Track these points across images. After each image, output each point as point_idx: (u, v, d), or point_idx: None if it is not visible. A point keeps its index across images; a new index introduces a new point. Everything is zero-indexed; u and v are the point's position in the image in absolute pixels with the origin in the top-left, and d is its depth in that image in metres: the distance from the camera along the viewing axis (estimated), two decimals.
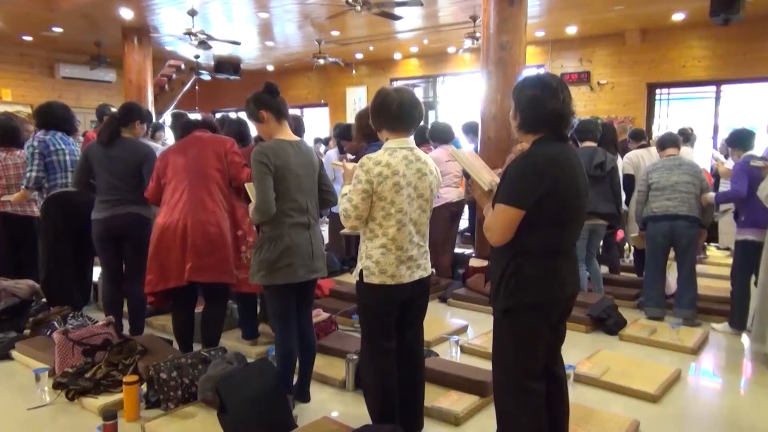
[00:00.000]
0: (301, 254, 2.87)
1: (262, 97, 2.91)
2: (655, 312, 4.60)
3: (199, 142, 3.42)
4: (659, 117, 10.45)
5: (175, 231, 3.24)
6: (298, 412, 2.96)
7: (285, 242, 2.83)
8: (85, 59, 11.64)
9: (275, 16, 9.14)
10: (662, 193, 4.50)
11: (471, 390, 3.15)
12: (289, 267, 2.84)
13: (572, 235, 2.22)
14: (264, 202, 2.76)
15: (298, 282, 2.90)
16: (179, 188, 3.32)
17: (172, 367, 3.05)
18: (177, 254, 3.24)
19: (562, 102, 2.12)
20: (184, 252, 3.24)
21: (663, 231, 4.49)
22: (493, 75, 5.84)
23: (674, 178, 4.49)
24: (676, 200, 4.45)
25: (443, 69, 12.68)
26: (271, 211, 2.78)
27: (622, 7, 8.44)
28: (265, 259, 2.84)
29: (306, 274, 2.91)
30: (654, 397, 3.21)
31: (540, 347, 2.18)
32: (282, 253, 2.82)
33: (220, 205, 3.35)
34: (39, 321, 3.95)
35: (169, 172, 3.37)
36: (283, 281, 2.86)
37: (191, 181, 3.32)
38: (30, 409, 3.08)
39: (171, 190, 3.34)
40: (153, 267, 3.30)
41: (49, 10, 8.44)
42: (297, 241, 2.86)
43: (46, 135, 4.13)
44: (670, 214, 4.45)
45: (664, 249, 4.58)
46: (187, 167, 3.34)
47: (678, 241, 4.49)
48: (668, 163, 4.60)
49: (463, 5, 8.39)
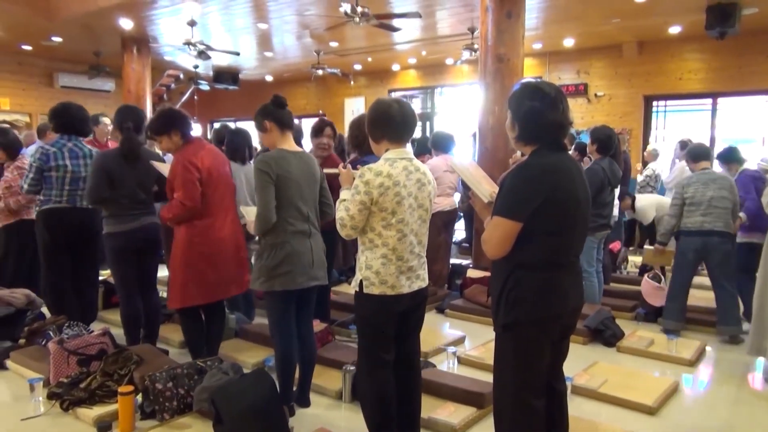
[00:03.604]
0: (302, 262, 2.91)
1: (269, 108, 2.99)
2: (674, 326, 4.50)
3: (214, 150, 3.45)
4: (656, 129, 10.50)
5: (230, 245, 3.31)
6: (294, 422, 2.94)
7: (286, 250, 2.87)
8: (84, 69, 11.68)
9: (274, 27, 9.18)
10: (697, 208, 4.41)
11: (468, 401, 3.13)
12: (288, 274, 2.88)
13: (573, 247, 2.17)
14: (266, 210, 2.82)
15: (298, 289, 2.93)
16: (224, 198, 3.36)
17: (168, 377, 3.03)
18: (228, 268, 3.31)
19: (561, 112, 2.10)
20: (231, 266, 3.33)
21: (695, 246, 4.41)
22: (491, 86, 5.88)
23: (710, 194, 4.40)
24: (711, 216, 4.37)
25: (441, 80, 12.74)
26: (272, 219, 2.83)
27: (618, 20, 8.51)
28: (266, 266, 2.89)
29: (305, 281, 2.94)
30: (651, 409, 3.20)
31: (541, 363, 2.14)
32: (283, 261, 2.87)
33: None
34: (34, 330, 3.93)
35: (211, 179, 3.31)
36: (281, 288, 2.89)
37: (227, 190, 3.39)
38: (24, 420, 3.05)
39: (217, 199, 3.33)
40: (193, 280, 3.26)
41: (49, 20, 8.47)
42: (298, 249, 2.90)
43: (54, 146, 4.00)
44: (705, 230, 4.37)
45: (693, 264, 4.49)
46: (220, 175, 3.36)
47: (710, 257, 4.41)
48: (703, 177, 4.49)
49: (461, 17, 8.45)
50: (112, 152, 3.76)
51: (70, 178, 4.00)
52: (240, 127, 4.78)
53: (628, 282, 5.90)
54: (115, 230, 3.64)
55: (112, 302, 4.89)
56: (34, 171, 3.91)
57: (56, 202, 3.98)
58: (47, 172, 3.94)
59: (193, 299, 3.30)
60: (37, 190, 3.99)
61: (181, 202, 3.20)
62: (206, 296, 3.32)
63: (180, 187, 3.22)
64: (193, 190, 3.22)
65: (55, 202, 3.98)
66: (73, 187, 4.01)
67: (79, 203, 4.05)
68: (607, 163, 4.70)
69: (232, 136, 4.45)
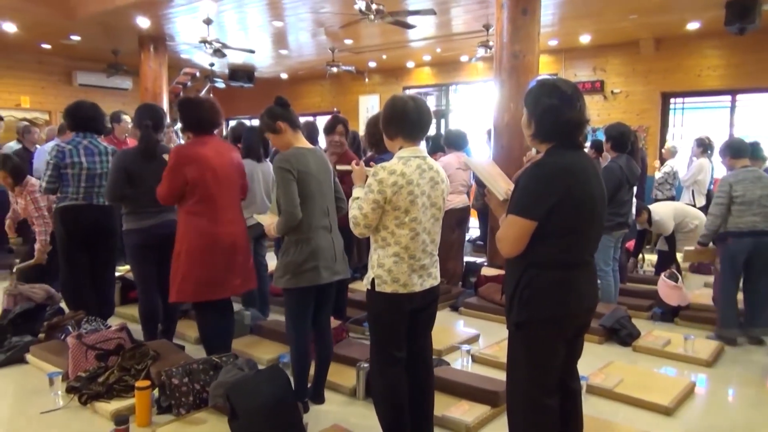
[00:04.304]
0: (326, 257, 2.94)
1: (276, 110, 3.00)
2: (734, 334, 4.33)
3: (225, 145, 3.46)
4: (674, 126, 10.38)
5: (233, 242, 3.31)
6: (309, 419, 2.96)
7: (311, 245, 2.90)
8: (102, 67, 11.79)
9: (289, 25, 9.21)
10: (748, 207, 4.24)
11: (482, 400, 3.13)
12: (314, 270, 2.91)
13: (588, 246, 2.15)
14: (292, 207, 2.83)
15: (321, 285, 2.95)
16: (229, 195, 3.36)
17: (184, 372, 3.06)
18: (231, 266, 3.31)
19: (579, 110, 2.08)
20: (237, 262, 3.34)
21: (747, 248, 4.25)
22: (506, 84, 5.85)
23: (758, 192, 4.26)
24: (761, 215, 4.23)
25: (456, 77, 12.69)
26: (298, 215, 2.85)
27: (636, 17, 8.41)
28: (292, 262, 2.90)
29: (329, 276, 2.97)
30: (668, 410, 3.17)
31: (554, 362, 2.13)
32: (309, 256, 2.90)
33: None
34: (53, 325, 3.99)
35: (216, 176, 3.30)
36: (308, 283, 2.92)
37: (232, 188, 3.39)
38: (43, 413, 3.11)
39: (222, 196, 3.32)
40: (192, 276, 3.25)
41: (68, 19, 8.56)
42: (322, 244, 2.93)
43: (69, 144, 4.03)
44: (757, 230, 4.22)
45: (742, 268, 4.34)
46: (224, 172, 3.35)
47: (758, 257, 4.26)
48: (749, 175, 4.34)
49: (476, 14, 8.41)
50: (131, 150, 3.80)
51: (86, 175, 4.03)
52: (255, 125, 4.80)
53: (645, 281, 5.85)
54: (134, 227, 3.68)
55: (129, 298, 4.96)
56: (51, 168, 3.94)
57: (72, 200, 4.02)
58: (63, 169, 3.98)
59: (188, 295, 3.29)
60: (55, 187, 4.01)
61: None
62: (206, 293, 3.28)
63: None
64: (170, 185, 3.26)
65: (72, 200, 4.02)
66: (89, 184, 4.05)
67: (95, 200, 4.08)
68: (624, 161, 4.65)
69: (248, 133, 4.48)
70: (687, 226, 5.72)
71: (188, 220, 3.27)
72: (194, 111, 3.33)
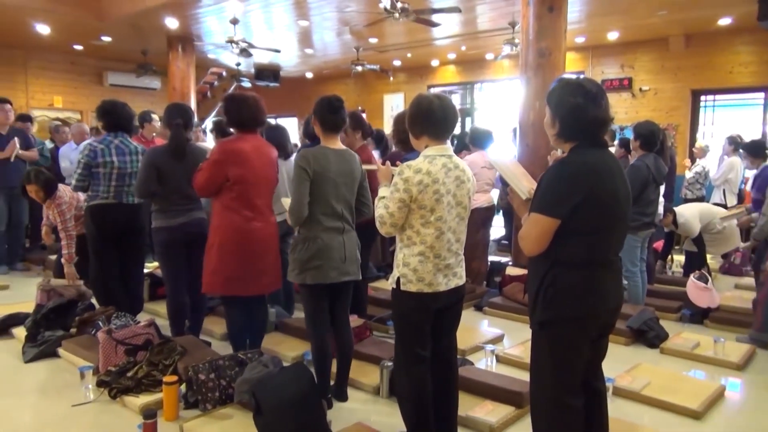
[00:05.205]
0: (333, 257, 2.96)
1: (317, 106, 3.05)
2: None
3: (265, 144, 3.49)
4: (704, 124, 10.16)
5: (265, 240, 3.35)
6: (332, 417, 2.98)
7: (318, 244, 2.93)
8: (131, 67, 12.01)
9: (315, 24, 9.25)
10: None
11: (506, 400, 3.11)
12: (319, 268, 2.93)
13: (613, 246, 2.13)
14: (298, 204, 2.89)
15: (331, 284, 2.98)
16: (264, 194, 3.40)
17: (210, 368, 3.11)
18: (262, 264, 3.34)
19: (604, 108, 2.07)
20: (267, 262, 3.38)
21: None
22: (532, 81, 5.79)
23: None
24: None
25: (481, 75, 12.60)
26: (303, 213, 2.89)
27: (665, 12, 8.26)
28: (298, 259, 2.96)
29: (338, 276, 2.99)
30: (697, 414, 3.12)
31: (578, 362, 2.12)
32: (314, 254, 2.93)
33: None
34: (85, 320, 4.08)
35: (249, 174, 3.32)
36: (312, 281, 2.95)
37: (267, 188, 3.43)
38: (74, 406, 3.18)
39: (257, 194, 3.36)
40: (223, 270, 3.28)
41: (100, 20, 8.75)
42: (329, 244, 2.95)
43: (101, 143, 4.09)
44: None
45: None
46: (263, 171, 3.39)
47: None
48: None
49: (501, 12, 8.34)
50: (161, 148, 3.84)
51: (117, 174, 4.09)
52: (278, 123, 4.83)
53: (673, 282, 5.75)
54: (164, 225, 3.73)
55: (157, 294, 5.04)
56: (82, 167, 4.02)
57: (103, 198, 4.09)
58: (95, 168, 4.04)
59: (217, 288, 3.34)
60: (85, 186, 4.08)
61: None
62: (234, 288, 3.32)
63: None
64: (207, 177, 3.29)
65: (102, 198, 4.09)
66: (120, 183, 4.12)
67: (125, 199, 4.15)
68: (651, 160, 4.57)
69: (271, 131, 4.50)
70: (714, 228, 5.59)
71: (223, 214, 3.30)
72: (238, 107, 3.35)
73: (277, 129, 4.55)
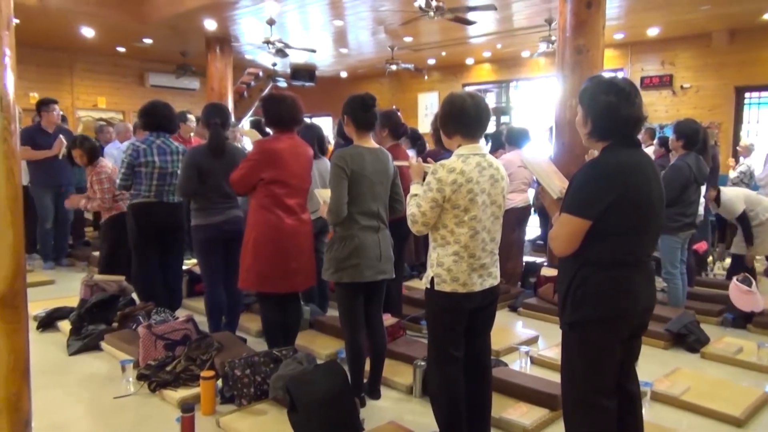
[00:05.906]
0: (369, 256, 2.97)
1: (350, 105, 3.07)
2: None
3: (302, 144, 3.52)
4: (748, 122, 9.84)
5: (299, 239, 3.38)
6: (365, 415, 2.99)
7: (354, 243, 2.95)
8: (171, 68, 12.30)
9: (349, 24, 9.31)
10: None
11: (541, 403, 3.09)
12: (356, 267, 2.95)
13: (645, 246, 2.10)
14: (337, 204, 2.90)
15: (366, 282, 2.99)
16: (299, 193, 3.44)
17: (246, 364, 3.16)
18: (297, 262, 3.38)
19: (637, 107, 2.04)
20: (301, 260, 3.42)
21: None
22: (569, 79, 5.71)
23: None
24: None
25: (517, 74, 12.47)
26: (343, 213, 2.91)
27: (708, 7, 8.03)
28: (335, 258, 2.98)
29: (373, 275, 3.00)
30: (739, 421, 3.02)
31: (609, 363, 2.08)
32: (351, 253, 2.94)
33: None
34: (126, 315, 4.20)
35: (285, 174, 3.36)
36: (349, 280, 2.97)
37: (302, 188, 3.46)
38: (116, 398, 3.29)
39: (292, 193, 3.40)
40: (257, 268, 3.33)
41: (141, 23, 8.98)
42: (366, 243, 2.97)
43: (144, 143, 4.18)
44: None
45: None
46: (299, 171, 3.43)
47: None
48: None
49: (538, 9, 8.24)
50: (201, 148, 3.90)
51: (158, 173, 4.19)
52: (311, 122, 4.86)
53: (715, 285, 5.59)
54: (203, 223, 3.81)
55: (195, 290, 5.14)
56: (126, 166, 4.13)
57: (145, 197, 4.19)
58: (137, 167, 4.14)
59: (251, 283, 3.39)
60: (128, 184, 4.20)
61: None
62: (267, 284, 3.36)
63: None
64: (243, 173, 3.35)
65: (144, 197, 4.19)
66: (161, 182, 4.21)
67: (166, 198, 4.25)
68: (693, 159, 4.46)
69: (304, 131, 4.55)
70: (757, 217, 5.36)
71: (258, 212, 3.35)
72: (276, 107, 3.39)
73: (310, 128, 4.59)
